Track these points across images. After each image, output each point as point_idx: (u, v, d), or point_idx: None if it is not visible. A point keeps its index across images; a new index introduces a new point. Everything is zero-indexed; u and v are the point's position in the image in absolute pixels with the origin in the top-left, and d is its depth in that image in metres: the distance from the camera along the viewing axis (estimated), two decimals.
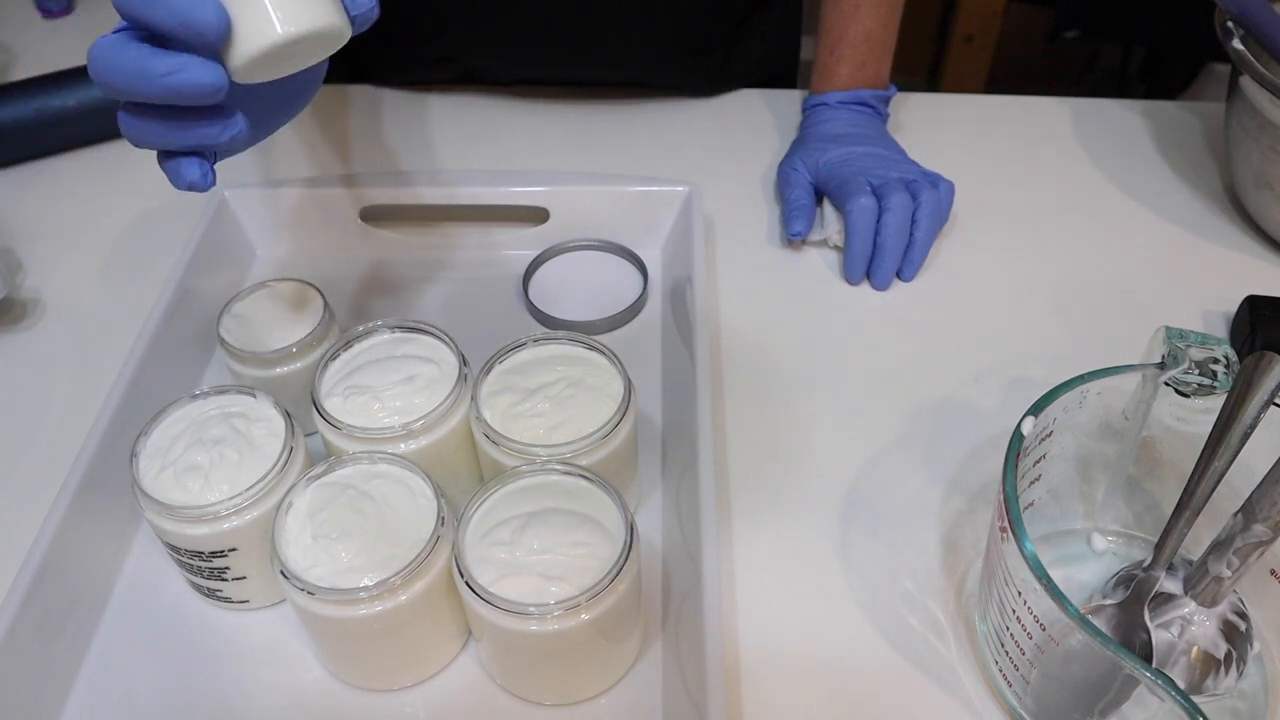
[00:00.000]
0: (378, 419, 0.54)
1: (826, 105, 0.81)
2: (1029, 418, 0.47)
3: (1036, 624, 0.44)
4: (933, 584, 0.56)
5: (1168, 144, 0.86)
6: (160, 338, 0.63)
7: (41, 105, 0.83)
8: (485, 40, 0.86)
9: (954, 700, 0.51)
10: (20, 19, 1.02)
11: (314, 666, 0.53)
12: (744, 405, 0.65)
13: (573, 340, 0.58)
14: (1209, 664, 0.48)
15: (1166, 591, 0.49)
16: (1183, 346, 0.49)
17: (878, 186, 0.72)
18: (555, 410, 0.55)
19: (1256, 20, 0.69)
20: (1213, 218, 0.79)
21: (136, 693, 0.52)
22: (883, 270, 0.72)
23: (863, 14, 0.79)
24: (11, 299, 0.73)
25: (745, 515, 0.59)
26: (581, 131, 0.87)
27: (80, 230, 0.79)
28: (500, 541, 0.48)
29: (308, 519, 0.50)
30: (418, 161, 0.83)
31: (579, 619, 0.46)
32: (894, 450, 0.63)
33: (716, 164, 0.83)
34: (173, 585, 0.57)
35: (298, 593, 0.47)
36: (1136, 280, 0.74)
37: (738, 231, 0.78)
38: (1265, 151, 0.71)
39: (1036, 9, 1.87)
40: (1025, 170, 0.83)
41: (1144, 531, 0.56)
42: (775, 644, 0.54)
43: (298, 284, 0.64)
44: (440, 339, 0.58)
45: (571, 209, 0.74)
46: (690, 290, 0.66)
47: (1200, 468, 0.47)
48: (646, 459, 0.61)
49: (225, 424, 0.54)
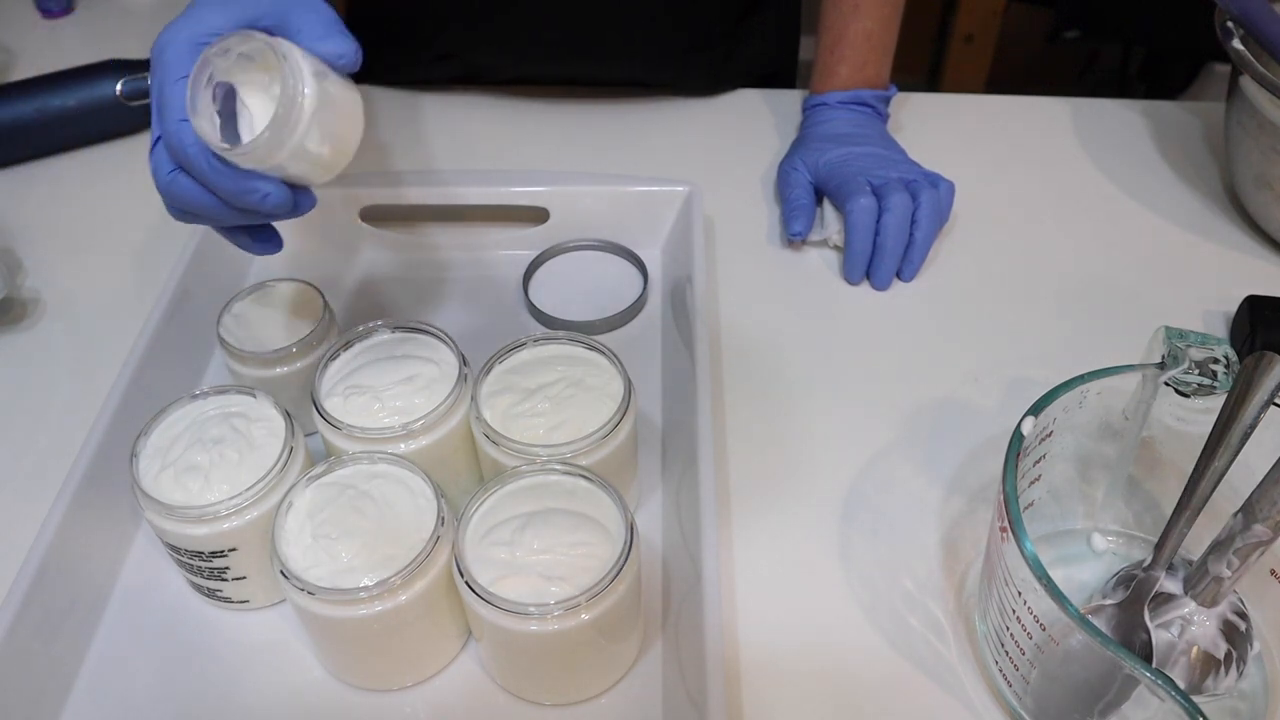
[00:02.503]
0: (378, 419, 0.54)
1: (826, 105, 0.81)
2: (1029, 418, 0.47)
3: (1036, 624, 0.44)
4: (933, 584, 0.56)
5: (1168, 144, 0.86)
6: (160, 338, 0.63)
7: (41, 105, 0.82)
8: (485, 37, 0.86)
9: (954, 700, 0.51)
10: (20, 19, 1.02)
11: (314, 666, 0.53)
12: (744, 405, 0.65)
13: (573, 340, 0.58)
14: (1209, 664, 0.48)
15: (1166, 591, 0.49)
16: (1183, 346, 0.49)
17: (878, 186, 0.72)
18: (555, 410, 0.55)
19: (1256, 20, 0.69)
20: (1213, 218, 0.79)
21: (136, 693, 0.52)
22: (883, 270, 0.72)
23: (863, 14, 0.79)
24: (11, 299, 0.73)
25: (745, 515, 0.59)
26: (581, 131, 0.87)
27: (80, 230, 0.79)
28: (500, 541, 0.48)
29: (308, 519, 0.50)
30: (417, 161, 0.83)
31: (579, 619, 0.46)
32: (894, 450, 0.63)
33: (716, 164, 0.83)
34: (173, 585, 0.57)
35: (298, 593, 0.47)
36: (1136, 280, 0.74)
37: (738, 231, 0.78)
38: (1265, 151, 0.71)
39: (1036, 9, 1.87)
40: (1025, 170, 0.83)
41: (1144, 531, 0.56)
42: (775, 644, 0.54)
43: (298, 284, 0.64)
44: (440, 339, 0.58)
45: (571, 209, 0.74)
46: (690, 290, 0.66)
47: (1200, 468, 0.47)
48: (646, 459, 0.61)
49: (225, 424, 0.54)
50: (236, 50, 0.47)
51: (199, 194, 0.48)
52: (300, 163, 0.48)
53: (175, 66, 0.47)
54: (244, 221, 0.51)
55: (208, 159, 0.46)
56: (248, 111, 0.48)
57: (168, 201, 0.50)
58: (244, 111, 0.48)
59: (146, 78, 0.84)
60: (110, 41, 0.95)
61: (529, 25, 0.84)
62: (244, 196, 0.47)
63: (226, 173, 0.46)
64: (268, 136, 0.46)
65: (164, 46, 0.47)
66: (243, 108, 0.48)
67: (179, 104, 0.46)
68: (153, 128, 0.49)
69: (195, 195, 0.48)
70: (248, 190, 0.47)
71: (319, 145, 0.47)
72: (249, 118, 0.48)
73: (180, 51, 0.47)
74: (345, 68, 0.48)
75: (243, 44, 0.46)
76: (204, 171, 0.47)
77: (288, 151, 0.46)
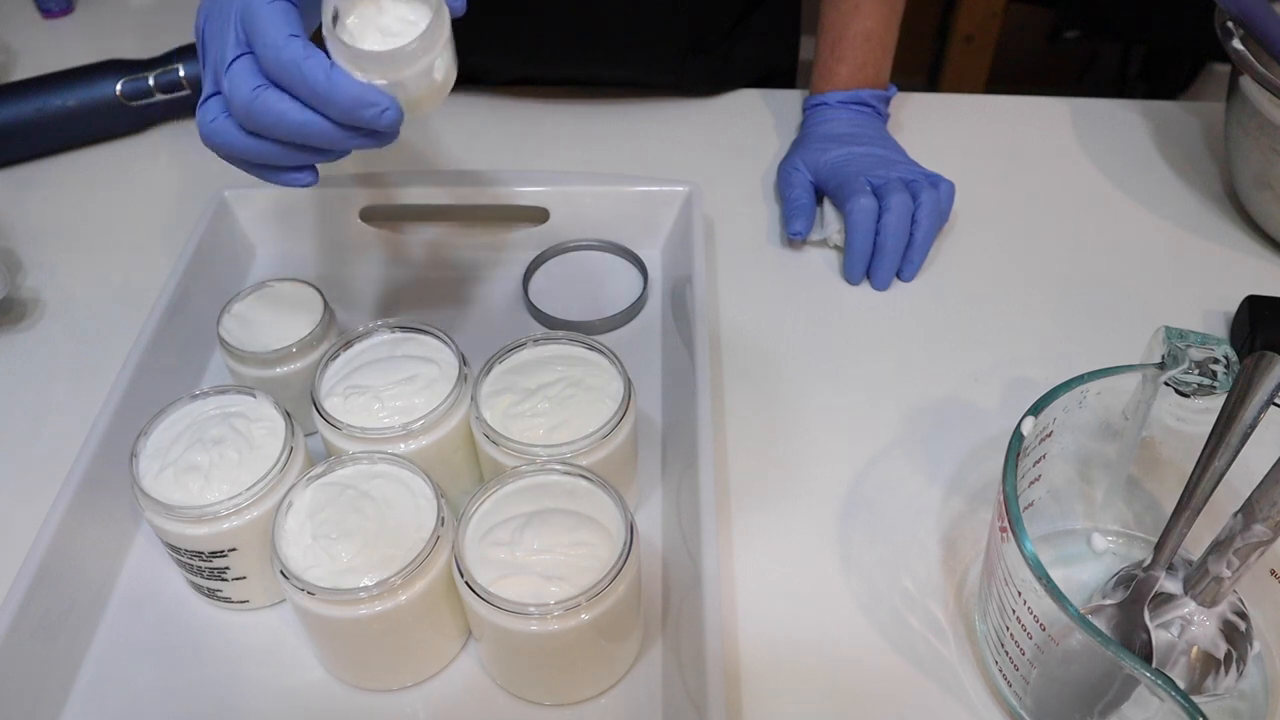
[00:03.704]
0: (378, 419, 0.54)
1: (827, 105, 0.81)
2: (1029, 418, 0.47)
3: (1036, 624, 0.44)
4: (933, 584, 0.56)
5: (1168, 144, 0.86)
6: (160, 338, 0.63)
7: (41, 105, 0.82)
8: (486, 38, 0.86)
9: (954, 700, 0.51)
10: (20, 19, 1.02)
11: (314, 666, 0.53)
12: (744, 405, 0.65)
13: (573, 340, 0.58)
14: (1209, 664, 0.48)
15: (1166, 591, 0.49)
16: (1183, 346, 0.49)
17: (878, 186, 0.72)
18: (555, 410, 0.55)
19: (1256, 20, 0.69)
20: (1213, 218, 0.79)
21: (136, 693, 0.52)
22: (883, 270, 0.72)
23: (863, 14, 0.79)
24: (11, 299, 0.73)
25: (745, 515, 0.59)
26: (581, 131, 0.87)
27: (80, 230, 0.79)
28: (500, 541, 0.48)
29: (308, 519, 0.50)
30: (418, 161, 0.83)
31: (579, 619, 0.46)
32: (894, 450, 0.63)
33: (716, 164, 0.83)
34: (173, 585, 0.57)
35: (298, 593, 0.47)
36: (1136, 280, 0.74)
37: (738, 231, 0.78)
38: (1265, 151, 0.71)
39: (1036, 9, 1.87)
40: (1025, 170, 0.83)
41: (1144, 531, 0.56)
42: (775, 644, 0.54)
43: (298, 284, 0.64)
44: (440, 339, 0.58)
45: (571, 209, 0.74)
46: (690, 290, 0.66)
47: (1200, 468, 0.47)
48: (646, 459, 0.61)
49: (225, 424, 0.54)
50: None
51: (296, 111, 0.45)
52: (419, 85, 0.46)
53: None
54: (332, 144, 0.47)
55: (326, 71, 0.44)
56: (349, 35, 0.46)
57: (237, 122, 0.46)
58: (343, 31, 0.47)
59: (147, 77, 0.84)
60: (110, 41, 0.95)
61: (530, 26, 0.84)
62: (361, 110, 0.45)
63: (348, 84, 0.44)
64: (416, 47, 0.45)
65: None
66: (342, 33, 0.46)
67: (282, 21, 0.44)
68: (222, 55, 0.46)
69: (289, 113, 0.45)
70: (368, 103, 0.44)
71: (439, 71, 0.47)
72: (349, 38, 0.46)
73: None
74: (456, 10, 0.47)
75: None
76: (319, 83, 0.44)
77: (419, 69, 0.45)
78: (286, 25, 0.45)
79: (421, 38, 0.45)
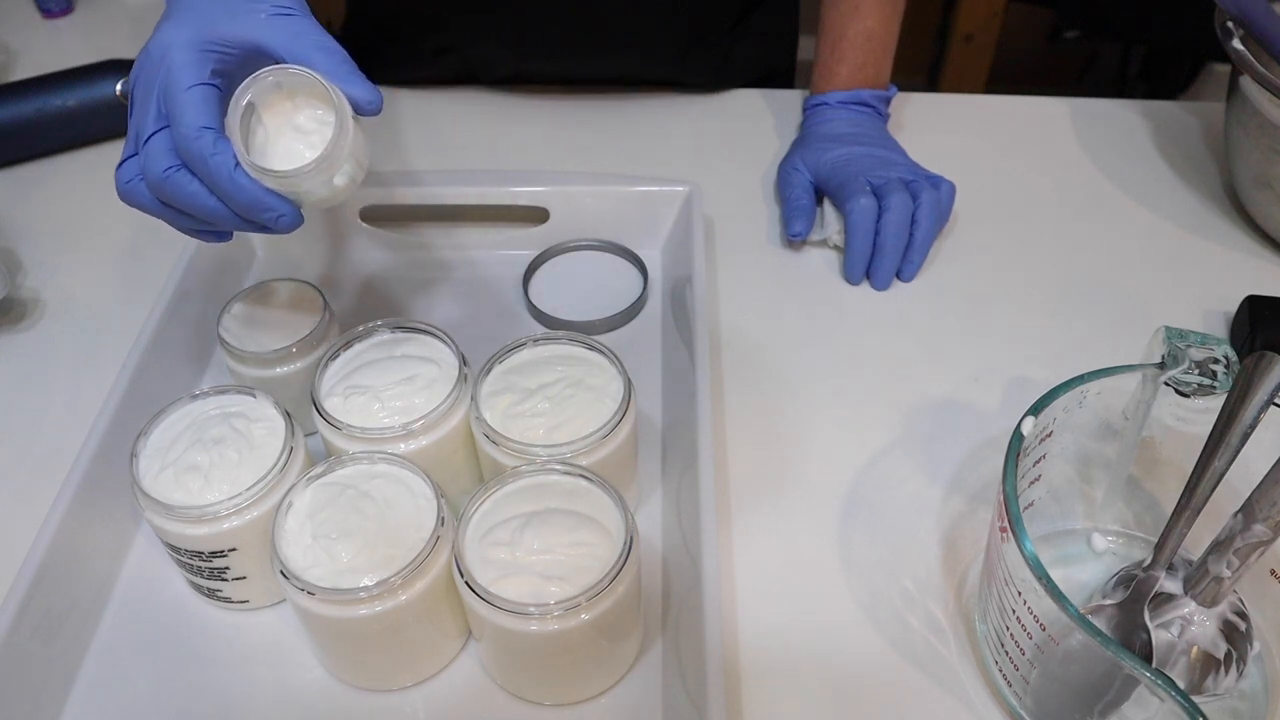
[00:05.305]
0: (378, 419, 0.54)
1: (827, 105, 0.81)
2: (1029, 418, 0.47)
3: (1036, 624, 0.44)
4: (933, 584, 0.56)
5: (1168, 144, 0.86)
6: (160, 338, 0.63)
7: (41, 105, 0.83)
8: (485, 31, 0.85)
9: (954, 700, 0.51)
10: (20, 19, 1.02)
11: (314, 666, 0.53)
12: (744, 405, 0.65)
13: (573, 340, 0.58)
14: (1209, 664, 0.48)
15: (1166, 591, 0.49)
16: (1183, 346, 0.49)
17: (878, 186, 0.72)
18: (555, 410, 0.55)
19: (1256, 20, 0.69)
20: (1213, 218, 0.79)
21: (136, 693, 0.52)
22: (883, 270, 0.72)
23: (863, 14, 0.79)
24: (11, 299, 0.73)
25: (745, 515, 0.59)
26: (581, 131, 0.87)
27: (80, 230, 0.79)
28: (500, 541, 0.48)
29: (308, 519, 0.50)
30: (417, 161, 0.83)
31: (579, 619, 0.46)
32: (894, 450, 0.63)
33: (716, 164, 0.83)
34: (173, 585, 0.57)
35: (298, 593, 0.47)
36: (1136, 280, 0.74)
37: (738, 231, 0.78)
38: (1265, 151, 0.71)
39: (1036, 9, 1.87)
40: (1025, 170, 0.83)
41: (1144, 531, 0.56)
42: (775, 644, 0.54)
43: (298, 284, 0.64)
44: (440, 339, 0.58)
45: (571, 209, 0.74)
46: (690, 290, 0.66)
47: (1200, 468, 0.47)
48: (646, 459, 0.61)
49: (225, 424, 0.54)
50: (277, 79, 0.47)
51: (202, 197, 0.48)
52: (319, 192, 0.49)
53: (184, 71, 0.46)
54: (235, 229, 0.50)
55: (229, 171, 0.46)
56: (263, 130, 0.49)
57: (149, 192, 0.49)
58: (259, 130, 0.49)
59: None
60: (110, 41, 0.95)
61: (529, 19, 0.84)
62: (258, 213, 0.47)
63: (248, 187, 0.46)
64: (313, 169, 0.46)
65: (167, 48, 0.47)
66: (259, 126, 0.49)
67: (198, 110, 0.46)
68: (142, 125, 0.48)
69: (197, 197, 0.48)
70: (265, 208, 0.47)
71: (341, 180, 0.49)
72: (263, 136, 0.49)
73: (188, 57, 0.46)
74: (370, 113, 0.48)
75: (285, 75, 0.47)
76: (223, 181, 0.46)
77: (318, 182, 0.48)
78: (201, 115, 0.46)
79: (318, 161, 0.47)
